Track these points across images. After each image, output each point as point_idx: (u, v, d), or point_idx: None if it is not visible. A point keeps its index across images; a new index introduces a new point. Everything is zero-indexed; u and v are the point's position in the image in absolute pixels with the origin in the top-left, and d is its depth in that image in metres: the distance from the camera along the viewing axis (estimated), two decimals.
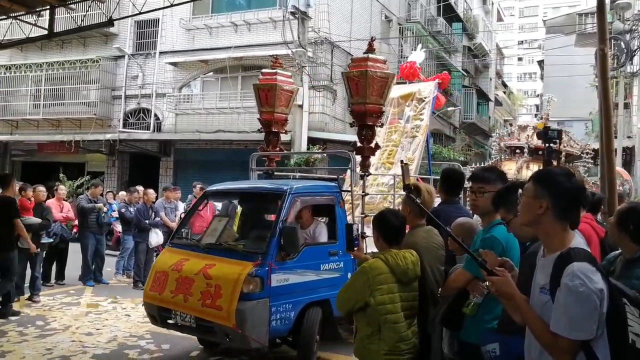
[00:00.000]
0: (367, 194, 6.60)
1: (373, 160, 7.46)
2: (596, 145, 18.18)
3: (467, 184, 4.46)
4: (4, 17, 8.61)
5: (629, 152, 21.28)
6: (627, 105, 21.69)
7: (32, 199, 8.63)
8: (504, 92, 48.85)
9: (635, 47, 19.32)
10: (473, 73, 35.10)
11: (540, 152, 8.27)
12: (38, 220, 8.41)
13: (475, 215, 4.04)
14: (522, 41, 52.12)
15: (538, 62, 42.85)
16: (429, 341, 3.57)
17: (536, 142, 8.22)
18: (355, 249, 3.86)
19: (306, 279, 5.53)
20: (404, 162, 4.30)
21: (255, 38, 18.18)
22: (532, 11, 62.12)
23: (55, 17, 8.64)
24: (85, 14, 10.25)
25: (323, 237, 6.07)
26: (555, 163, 9.09)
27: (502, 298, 2.31)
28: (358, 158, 6.64)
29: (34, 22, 8.77)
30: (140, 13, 8.94)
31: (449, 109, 27.89)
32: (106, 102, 20.60)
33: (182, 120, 19.40)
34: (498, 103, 43.81)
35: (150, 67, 20.10)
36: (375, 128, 6.55)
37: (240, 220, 7.07)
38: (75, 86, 20.72)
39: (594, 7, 6.61)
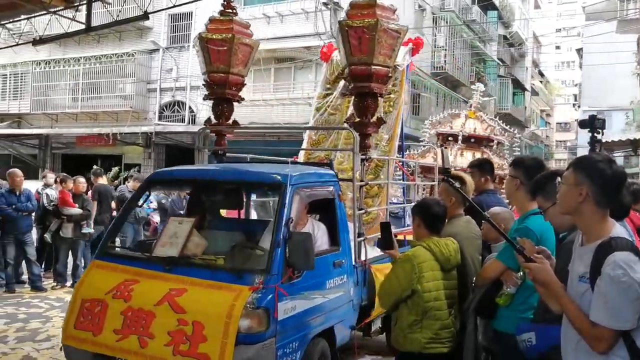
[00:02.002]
0: (367, 184, 5.28)
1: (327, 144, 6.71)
2: (638, 135, 17.65)
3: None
4: (44, 12, 8.85)
5: None
6: None
7: (73, 189, 8.89)
8: (541, 82, 47.78)
9: None
10: (509, 62, 34.46)
11: (472, 140, 8.10)
12: (79, 210, 8.66)
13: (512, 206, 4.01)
14: (560, 29, 50.78)
15: (576, 50, 41.71)
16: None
17: (469, 130, 8.05)
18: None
19: (313, 303, 4.06)
20: (443, 147, 4.21)
21: (288, 29, 18.20)
22: None
23: (93, 11, 8.83)
24: (121, 8, 10.46)
25: (324, 241, 4.65)
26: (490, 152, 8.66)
27: (540, 285, 2.29)
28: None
29: (72, 17, 8.98)
30: (174, 6, 9.07)
31: (484, 99, 27.43)
32: (142, 95, 20.98)
33: None
34: (534, 93, 42.90)
35: (184, 60, 20.36)
36: (379, 98, 5.21)
37: (205, 222, 5.12)
38: (111, 80, 21.18)
39: None
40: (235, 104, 5.94)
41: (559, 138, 59.25)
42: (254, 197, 6.12)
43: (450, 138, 7.93)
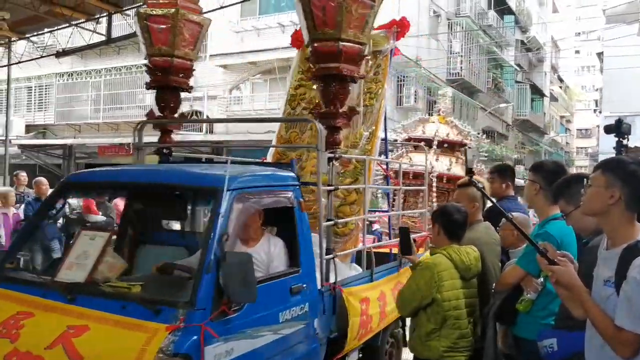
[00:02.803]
0: (337, 188, 4.24)
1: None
2: None
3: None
4: (66, 25, 9.05)
5: None
6: None
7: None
8: (560, 87, 47.33)
9: None
10: (526, 68, 34.22)
11: (446, 145, 8.05)
12: (103, 218, 8.79)
13: (531, 211, 3.96)
14: (580, 32, 50.30)
15: (597, 54, 41.24)
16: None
17: (443, 135, 8.00)
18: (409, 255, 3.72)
19: (259, 343, 3.14)
20: (467, 145, 4.02)
21: None
22: (591, 1, 59.84)
23: (113, 24, 9.00)
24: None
25: (281, 262, 3.64)
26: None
27: (563, 289, 2.25)
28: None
29: (93, 29, 9.17)
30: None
31: (501, 105, 27.27)
32: None
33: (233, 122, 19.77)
34: (553, 99, 42.51)
35: (201, 70, 20.57)
36: (350, 83, 4.28)
37: (130, 238, 4.31)
38: (131, 90, 21.53)
39: None
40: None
41: (579, 145, 58.56)
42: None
43: (422, 143, 7.89)
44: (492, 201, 3.10)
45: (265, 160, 5.57)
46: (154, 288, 3.16)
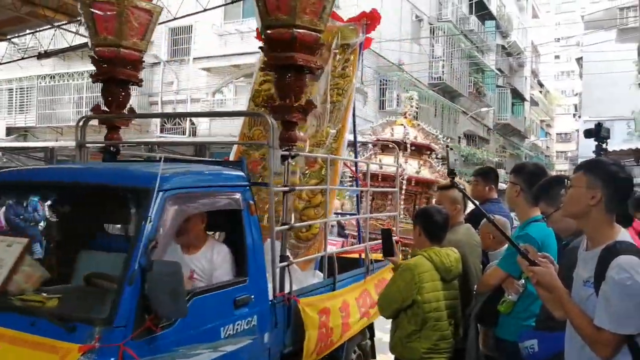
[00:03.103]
0: (294, 189, 3.84)
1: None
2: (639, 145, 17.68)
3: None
4: (48, 26, 8.95)
5: None
6: None
7: None
8: (540, 92, 47.96)
9: None
10: (507, 72, 34.63)
11: (413, 148, 8.10)
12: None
13: (513, 214, 4.01)
14: (559, 38, 51.06)
15: (576, 59, 41.91)
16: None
17: (411, 137, 8.06)
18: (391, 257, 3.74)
19: None
20: (449, 146, 3.90)
21: None
22: (570, 7, 60.79)
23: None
24: None
25: (225, 271, 3.28)
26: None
27: (544, 290, 2.28)
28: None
29: (75, 31, 9.08)
30: (175, 19, 9.15)
31: (482, 109, 27.57)
32: (144, 108, 21.10)
33: (216, 124, 19.70)
34: (534, 103, 43.05)
35: (184, 73, 20.53)
36: (306, 75, 3.87)
37: (52, 245, 3.91)
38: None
39: (635, 1, 6.40)
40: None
41: (559, 149, 59.36)
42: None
43: (390, 145, 7.82)
44: (473, 202, 3.12)
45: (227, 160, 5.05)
46: (71, 302, 2.80)
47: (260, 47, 3.99)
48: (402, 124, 8.38)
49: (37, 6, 7.49)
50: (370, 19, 5.53)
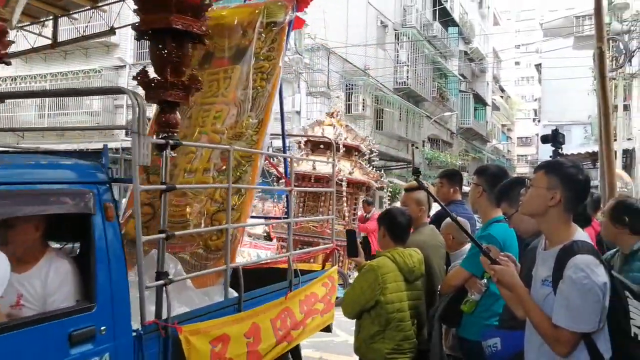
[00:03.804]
0: (174, 188, 3.14)
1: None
2: (596, 148, 18.27)
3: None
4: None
5: (629, 155, 21.31)
6: (626, 107, 21.71)
7: None
8: (502, 97, 48.99)
9: (634, 48, 19.28)
10: (470, 78, 35.26)
11: (344, 149, 7.88)
12: None
13: (476, 216, 4.10)
14: (519, 45, 52.34)
15: (535, 65, 43.04)
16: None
17: (342, 138, 7.80)
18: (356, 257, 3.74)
19: None
20: (414, 145, 3.65)
21: None
22: (529, 15, 62.42)
23: (59, 27, 8.75)
24: (87, 24, 10.35)
25: (63, 293, 2.47)
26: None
27: (504, 288, 2.31)
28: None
29: (38, 33, 8.87)
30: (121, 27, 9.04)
31: (446, 113, 28.03)
32: (109, 111, 20.71)
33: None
34: (495, 108, 43.92)
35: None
36: (189, 44, 3.18)
37: None
38: (78, 96, 20.90)
39: (591, 10, 6.65)
40: None
41: (520, 152, 60.63)
42: None
43: (321, 146, 7.59)
44: (439, 203, 3.11)
45: None
46: None
47: (134, 10, 3.24)
48: (331, 124, 8.00)
49: None
50: None
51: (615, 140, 14.90)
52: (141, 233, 2.71)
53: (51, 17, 8.18)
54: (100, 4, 7.14)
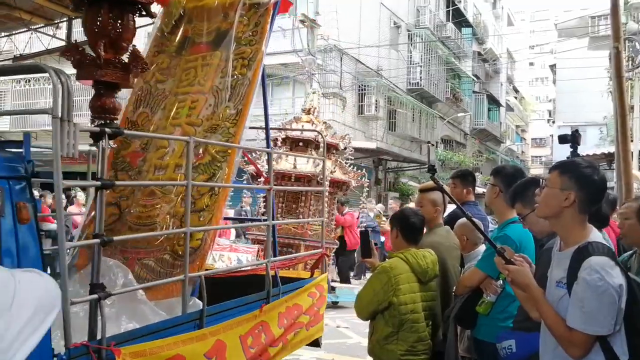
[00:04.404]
0: (113, 184, 2.68)
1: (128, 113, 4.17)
2: (611, 149, 18.07)
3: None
4: (24, 29, 8.83)
5: None
6: None
7: (52, 206, 8.86)
8: (515, 98, 48.66)
9: None
10: (483, 78, 35.08)
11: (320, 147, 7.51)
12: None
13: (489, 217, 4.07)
14: (534, 45, 51.97)
15: (550, 66, 42.71)
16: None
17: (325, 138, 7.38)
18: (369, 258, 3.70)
19: None
20: (429, 142, 3.45)
21: None
22: (543, 15, 61.96)
23: (73, 29, 8.85)
24: None
25: None
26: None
27: (518, 289, 2.29)
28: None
29: (52, 34, 8.98)
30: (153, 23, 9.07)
31: (459, 114, 27.90)
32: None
33: None
34: (509, 109, 43.66)
35: None
36: (130, 12, 2.80)
37: None
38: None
39: (606, 10, 6.59)
40: None
41: (534, 153, 60.21)
42: None
43: (300, 143, 7.24)
44: (454, 202, 3.06)
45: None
46: None
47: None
48: (310, 121, 7.56)
49: (13, 9, 7.39)
50: None
51: (632, 141, 14.72)
52: (64, 237, 2.22)
53: (65, 19, 8.28)
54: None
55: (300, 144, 7.20)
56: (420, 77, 23.13)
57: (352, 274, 13.57)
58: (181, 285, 2.92)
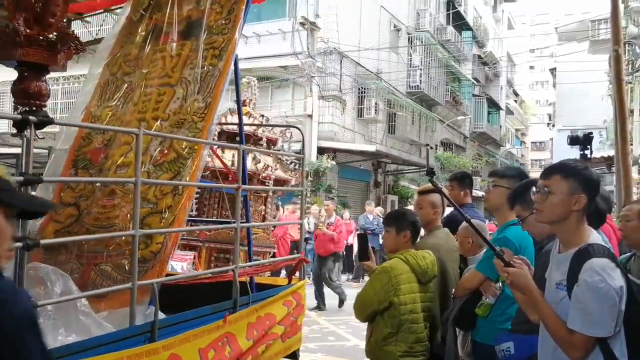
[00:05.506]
0: (40, 181, 2.31)
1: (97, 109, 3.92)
2: (611, 153, 18.08)
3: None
4: None
5: None
6: None
7: None
8: (515, 101, 48.69)
9: None
10: (483, 82, 35.11)
11: (261, 143, 6.97)
12: None
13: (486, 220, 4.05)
14: (534, 49, 52.06)
15: (550, 70, 42.77)
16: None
17: (259, 130, 6.79)
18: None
19: None
20: (428, 144, 3.49)
21: (265, 49, 18.28)
22: (544, 19, 62.06)
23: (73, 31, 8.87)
24: (99, 28, 10.45)
25: None
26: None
27: (518, 291, 2.28)
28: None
29: None
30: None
31: (459, 117, 27.90)
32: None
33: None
34: (509, 112, 43.69)
35: None
36: None
37: None
38: None
39: (607, 14, 6.56)
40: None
41: (533, 157, 60.26)
42: None
43: (237, 138, 6.73)
44: (453, 204, 3.03)
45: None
46: None
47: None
48: (247, 113, 6.84)
49: None
50: None
51: (632, 144, 14.72)
52: None
53: (64, 21, 8.29)
54: (113, 8, 7.18)
55: (237, 138, 6.54)
56: (420, 80, 23.14)
57: (350, 276, 13.53)
58: (139, 293, 2.64)
